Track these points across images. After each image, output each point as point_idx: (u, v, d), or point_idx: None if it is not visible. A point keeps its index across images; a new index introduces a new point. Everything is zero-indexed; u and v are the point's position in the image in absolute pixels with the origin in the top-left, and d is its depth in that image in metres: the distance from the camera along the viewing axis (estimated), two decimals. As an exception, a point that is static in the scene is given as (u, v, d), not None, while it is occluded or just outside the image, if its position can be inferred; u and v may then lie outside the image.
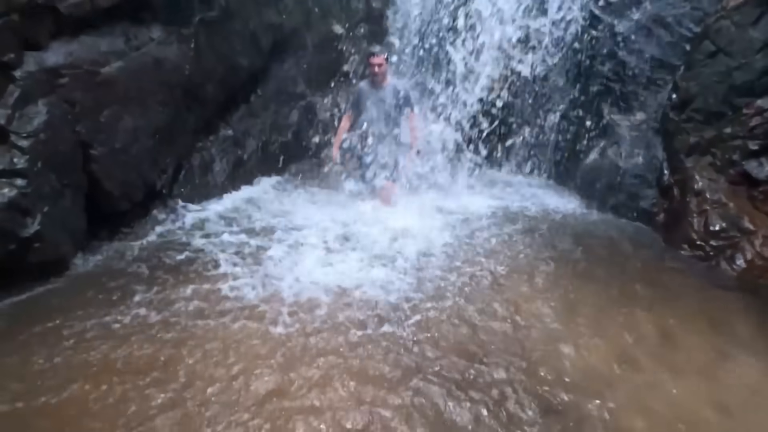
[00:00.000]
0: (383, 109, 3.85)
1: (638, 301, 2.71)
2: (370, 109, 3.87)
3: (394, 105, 3.84)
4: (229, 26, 3.92)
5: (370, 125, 3.90)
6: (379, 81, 3.83)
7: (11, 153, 2.45)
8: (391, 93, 3.84)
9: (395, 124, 3.93)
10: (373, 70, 3.82)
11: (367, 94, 3.89)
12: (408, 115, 3.90)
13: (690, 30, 3.75)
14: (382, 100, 3.84)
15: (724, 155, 3.30)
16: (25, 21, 2.42)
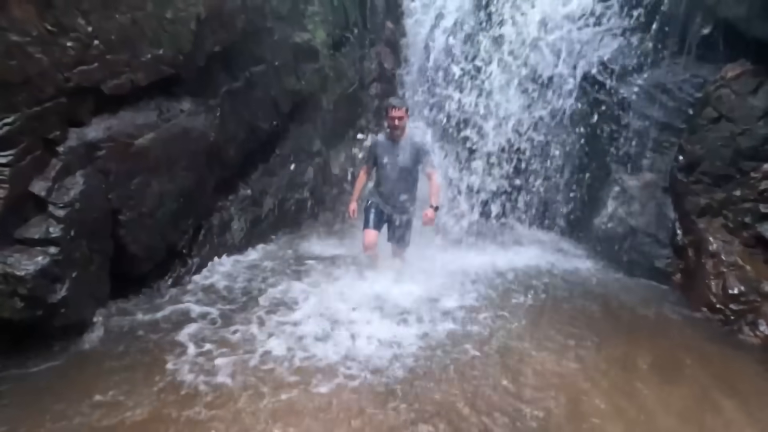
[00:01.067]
0: (400, 165, 3.60)
1: (664, 372, 2.66)
2: (386, 164, 3.64)
3: (412, 161, 3.59)
4: (251, 94, 4.18)
5: (386, 182, 3.68)
6: (398, 135, 3.57)
7: (47, 222, 2.58)
8: (409, 148, 3.58)
9: (412, 181, 3.71)
10: (392, 123, 3.53)
11: (384, 148, 3.65)
12: (426, 171, 3.63)
13: (691, 96, 3.92)
14: (400, 155, 3.59)
15: (736, 218, 3.34)
16: (71, 101, 2.63)
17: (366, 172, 3.88)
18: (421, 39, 7.33)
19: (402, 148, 3.59)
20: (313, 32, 4.91)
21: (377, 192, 3.75)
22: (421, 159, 3.59)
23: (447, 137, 5.65)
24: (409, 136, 3.63)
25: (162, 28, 3.05)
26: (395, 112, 3.50)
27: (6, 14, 2.22)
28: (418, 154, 3.58)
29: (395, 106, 3.53)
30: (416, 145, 3.60)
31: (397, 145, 3.60)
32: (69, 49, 2.53)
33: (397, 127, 3.53)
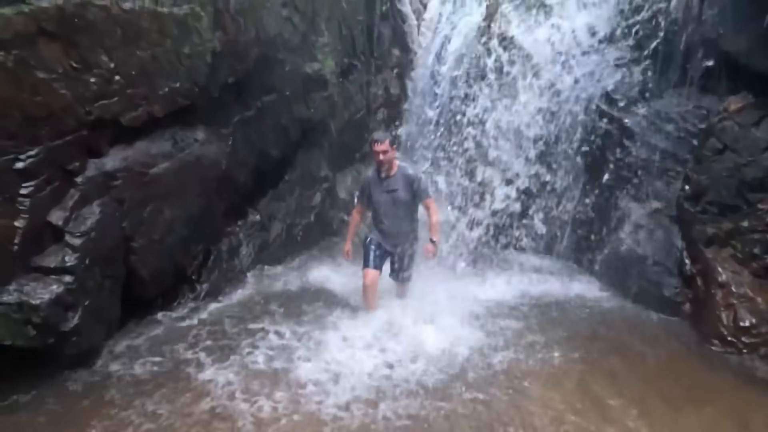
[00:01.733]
0: (395, 200, 3.41)
1: (674, 402, 2.63)
2: (381, 201, 3.44)
3: (407, 194, 3.40)
4: (262, 122, 4.29)
5: (384, 218, 3.47)
6: (386, 170, 3.38)
7: (64, 251, 2.63)
8: (401, 182, 3.39)
9: (410, 213, 3.50)
10: (377, 159, 3.31)
11: (376, 185, 3.45)
12: (423, 200, 3.47)
13: (695, 126, 3.97)
14: (392, 191, 3.41)
15: (745, 248, 3.34)
16: (91, 134, 2.72)
17: (359, 212, 3.71)
18: (427, 65, 7.52)
19: (394, 182, 3.41)
20: (323, 62, 5.05)
21: (377, 229, 3.57)
22: (416, 189, 3.40)
23: (451, 164, 5.74)
24: (399, 169, 3.43)
25: (179, 62, 3.16)
26: (378, 146, 3.29)
27: (34, 53, 2.33)
28: (412, 185, 3.40)
29: (377, 140, 3.32)
30: (409, 177, 3.40)
31: (389, 180, 3.41)
32: (92, 84, 2.64)
33: (383, 162, 3.33)
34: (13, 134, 2.33)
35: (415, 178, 3.42)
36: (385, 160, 3.32)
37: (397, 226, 3.48)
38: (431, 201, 3.48)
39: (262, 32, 3.90)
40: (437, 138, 6.64)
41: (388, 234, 3.50)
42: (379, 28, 6.72)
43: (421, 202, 3.48)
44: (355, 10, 5.80)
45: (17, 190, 2.43)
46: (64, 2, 2.41)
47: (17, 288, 2.46)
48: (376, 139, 3.37)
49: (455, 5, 8.23)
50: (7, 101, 2.26)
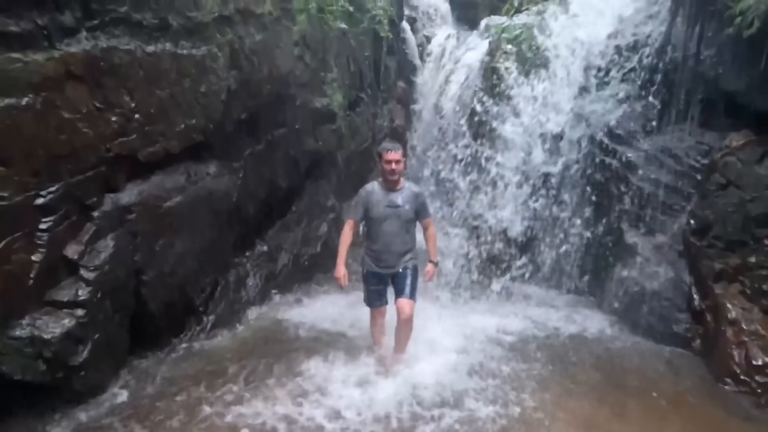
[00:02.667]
0: (397, 217, 3.14)
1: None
2: (383, 217, 3.14)
3: (413, 211, 3.18)
4: (273, 155, 4.39)
5: (382, 237, 3.17)
6: (395, 182, 3.13)
7: (77, 285, 2.66)
8: (407, 198, 3.16)
9: (412, 233, 3.30)
10: (389, 168, 3.06)
11: (379, 199, 3.15)
12: (424, 220, 3.30)
13: (698, 161, 4.03)
14: (398, 206, 3.13)
15: (754, 284, 3.33)
16: (110, 170, 2.80)
17: (352, 228, 3.30)
18: (431, 97, 7.72)
19: (400, 196, 3.14)
20: (332, 96, 5.21)
21: (371, 253, 3.25)
22: (420, 208, 3.23)
23: (453, 194, 5.81)
24: (407, 184, 3.25)
25: (196, 101, 3.28)
26: (390, 155, 3.05)
27: (62, 94, 2.43)
28: (417, 203, 3.20)
29: (389, 149, 3.10)
30: (415, 194, 3.22)
31: (395, 193, 3.14)
32: (113, 123, 2.74)
33: (395, 172, 3.07)
34: (37, 171, 2.40)
35: (421, 196, 3.30)
36: (398, 170, 3.10)
37: (396, 245, 3.20)
38: (431, 221, 3.38)
39: (274, 70, 4.05)
40: (440, 167, 6.74)
41: (386, 256, 3.20)
42: (385, 62, 6.95)
43: (422, 221, 3.31)
44: (362, 47, 6.02)
45: (36, 225, 2.48)
46: (92, 47, 2.53)
47: (30, 322, 2.48)
48: (388, 147, 3.14)
49: (458, 41, 8.53)
50: (33, 140, 2.34)
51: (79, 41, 2.49)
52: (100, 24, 2.59)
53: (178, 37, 3.09)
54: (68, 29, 2.43)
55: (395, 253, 3.22)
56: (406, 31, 7.89)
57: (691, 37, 4.01)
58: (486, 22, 7.82)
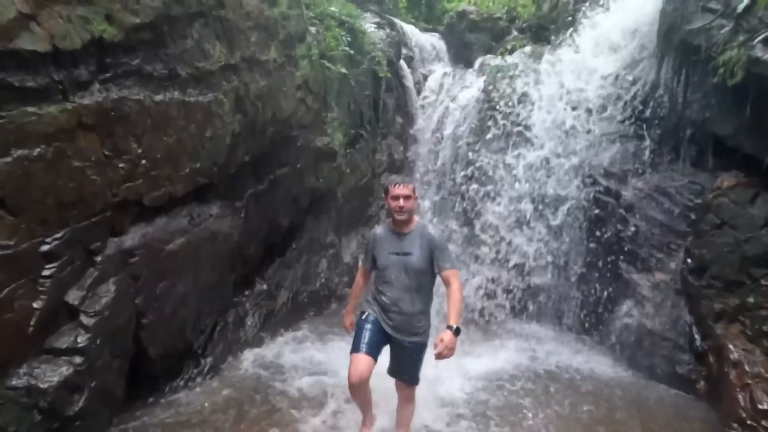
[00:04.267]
0: (408, 265, 2.65)
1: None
2: (389, 265, 2.69)
3: (424, 259, 2.64)
4: (274, 194, 4.45)
5: (389, 289, 2.70)
6: (403, 223, 2.66)
7: (77, 331, 2.64)
8: (419, 243, 2.64)
9: (425, 287, 2.73)
10: (396, 205, 2.61)
11: (387, 244, 2.71)
12: (443, 271, 2.63)
13: (691, 201, 4.11)
14: (405, 253, 2.65)
15: (754, 325, 3.34)
16: (115, 214, 2.83)
17: (364, 276, 2.98)
18: (429, 133, 7.91)
19: (410, 241, 2.66)
20: (332, 135, 5.34)
21: (376, 302, 2.79)
22: (436, 255, 2.64)
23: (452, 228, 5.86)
24: (419, 226, 2.71)
25: (201, 145, 3.36)
26: (398, 190, 2.61)
27: (73, 144, 2.50)
28: (432, 249, 2.64)
29: (398, 183, 2.67)
30: (429, 238, 2.64)
31: (404, 237, 2.67)
32: (120, 169, 2.79)
33: (403, 210, 2.61)
34: (45, 219, 2.43)
35: (437, 240, 2.67)
36: (406, 208, 2.61)
37: (404, 303, 2.68)
38: (455, 273, 2.64)
39: (278, 113, 4.17)
40: (438, 202, 6.83)
41: (391, 310, 2.71)
42: (383, 100, 7.16)
43: (440, 273, 2.65)
44: (362, 87, 6.22)
45: (40, 272, 2.48)
46: (104, 99, 2.62)
47: (27, 371, 2.44)
48: (395, 181, 2.72)
49: (454, 78, 8.83)
50: (43, 189, 2.39)
51: (92, 93, 2.58)
52: (112, 76, 2.70)
53: (186, 85, 3.20)
54: (82, 83, 2.52)
55: (402, 314, 2.69)
56: (403, 69, 8.18)
57: (678, 83, 4.18)
58: (481, 61, 8.14)
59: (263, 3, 3.93)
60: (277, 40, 4.11)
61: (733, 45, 3.34)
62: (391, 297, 2.73)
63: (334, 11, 5.78)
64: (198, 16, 3.23)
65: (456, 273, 2.67)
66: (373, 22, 7.79)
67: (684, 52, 4.02)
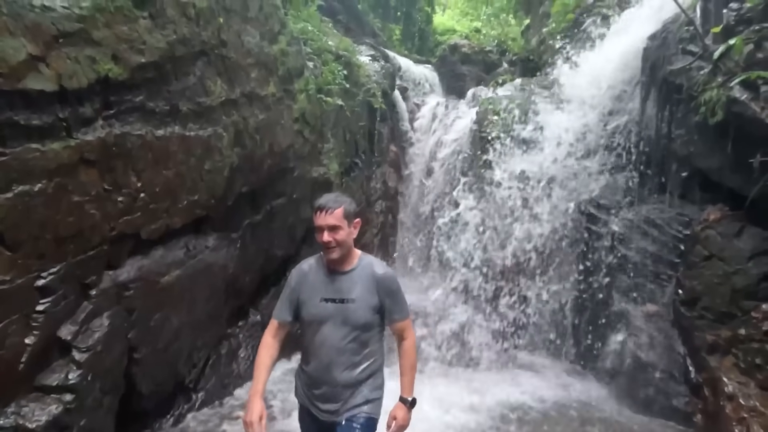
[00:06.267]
0: (343, 320, 1.93)
1: None
2: (318, 319, 1.95)
3: (369, 309, 1.94)
4: (270, 225, 4.47)
5: (318, 353, 1.96)
6: (335, 262, 1.94)
7: (68, 368, 2.59)
8: (363, 286, 1.94)
9: (369, 347, 1.99)
10: (320, 237, 1.91)
11: (316, 286, 1.98)
12: (394, 324, 2.01)
13: (680, 232, 4.21)
14: (342, 300, 1.93)
15: (747, 357, 3.36)
16: (112, 248, 2.83)
17: (276, 333, 2.04)
18: (422, 161, 8.07)
19: (350, 283, 1.95)
20: (328, 166, 5.42)
21: (303, 375, 2.05)
22: (387, 302, 1.97)
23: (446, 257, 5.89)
24: (363, 263, 1.99)
25: (200, 178, 3.41)
26: (322, 218, 1.89)
27: (74, 179, 2.53)
28: (381, 294, 1.96)
29: (323, 207, 1.89)
30: (376, 278, 1.96)
31: (341, 278, 1.96)
32: (119, 203, 2.81)
33: (331, 247, 1.89)
34: (43, 254, 2.43)
35: (388, 281, 1.97)
36: (335, 243, 1.89)
37: (340, 370, 1.94)
38: (408, 325, 2.04)
39: (276, 145, 4.25)
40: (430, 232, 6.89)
41: (321, 383, 1.97)
42: (378, 129, 7.33)
43: (391, 324, 2.02)
44: (358, 118, 6.37)
45: (33, 307, 2.46)
46: (106, 134, 2.67)
47: (16, 410, 2.38)
48: (321, 205, 1.90)
49: (447, 108, 9.07)
50: (42, 224, 2.39)
51: (95, 129, 2.63)
52: (116, 113, 2.76)
53: (187, 120, 3.27)
54: (86, 119, 2.57)
55: (338, 383, 1.95)
56: (398, 100, 8.42)
57: (662, 119, 4.35)
58: (473, 91, 8.41)
59: (263, 41, 4.07)
60: (276, 75, 4.24)
61: (712, 85, 3.51)
62: (320, 363, 1.95)
63: (331, 45, 5.98)
64: (201, 55, 3.33)
65: (410, 324, 2.06)
66: (368, 54, 8.06)
67: (667, 90, 4.21)
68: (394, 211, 8.11)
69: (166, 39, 3.00)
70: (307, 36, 5.46)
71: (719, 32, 3.55)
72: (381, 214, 7.60)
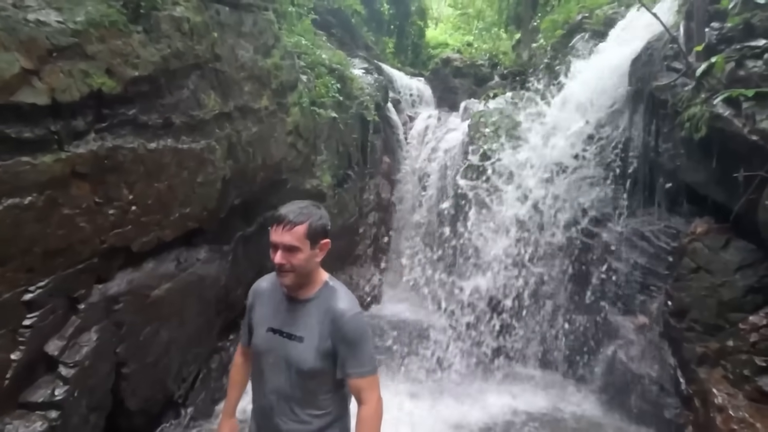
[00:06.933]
0: (290, 357, 1.62)
1: None
2: (262, 349, 1.68)
3: (316, 357, 1.61)
4: (263, 237, 4.46)
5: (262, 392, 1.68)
6: (290, 288, 1.66)
7: (54, 383, 2.55)
8: (318, 318, 1.62)
9: (320, 395, 1.65)
10: (272, 257, 1.62)
11: (266, 309, 1.73)
12: (349, 378, 1.62)
13: (668, 244, 4.27)
14: (294, 333, 1.63)
15: (735, 369, 3.40)
16: (101, 261, 2.81)
17: (245, 357, 1.87)
18: (415, 172, 8.13)
19: (305, 315, 1.64)
20: (321, 178, 5.44)
21: (253, 411, 1.77)
22: (341, 350, 1.60)
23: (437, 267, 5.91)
24: (323, 295, 1.66)
25: (192, 191, 3.40)
26: (277, 234, 1.61)
27: (65, 192, 2.51)
28: (334, 339, 1.60)
29: (282, 220, 1.61)
30: (333, 314, 1.61)
31: (297, 307, 1.66)
32: (110, 216, 2.80)
33: (284, 270, 1.60)
34: (31, 268, 2.40)
35: (347, 321, 1.59)
36: (293, 266, 1.59)
37: (284, 422, 1.63)
38: (371, 384, 1.61)
39: (268, 158, 4.26)
40: (422, 241, 6.93)
41: (262, 426, 1.70)
42: (371, 141, 7.39)
43: (348, 379, 1.61)
44: (351, 130, 6.42)
45: (20, 322, 2.42)
46: (99, 147, 2.67)
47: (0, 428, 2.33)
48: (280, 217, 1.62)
49: (440, 120, 9.18)
50: (32, 238, 2.37)
51: (87, 142, 2.63)
52: (108, 126, 2.76)
53: (180, 133, 3.27)
54: (79, 132, 2.57)
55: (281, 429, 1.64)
56: (391, 112, 8.50)
57: (649, 133, 4.44)
58: (465, 104, 8.52)
59: (257, 55, 4.11)
60: (270, 89, 4.27)
61: (696, 102, 3.60)
62: (262, 407, 1.67)
63: (325, 59, 6.05)
64: (195, 69, 3.36)
65: (372, 384, 1.59)
66: (362, 67, 8.15)
67: (653, 105, 4.31)
68: (388, 223, 8.14)
69: (160, 53, 3.02)
70: (300, 50, 5.52)
71: (702, 50, 3.65)
72: (374, 225, 7.62)
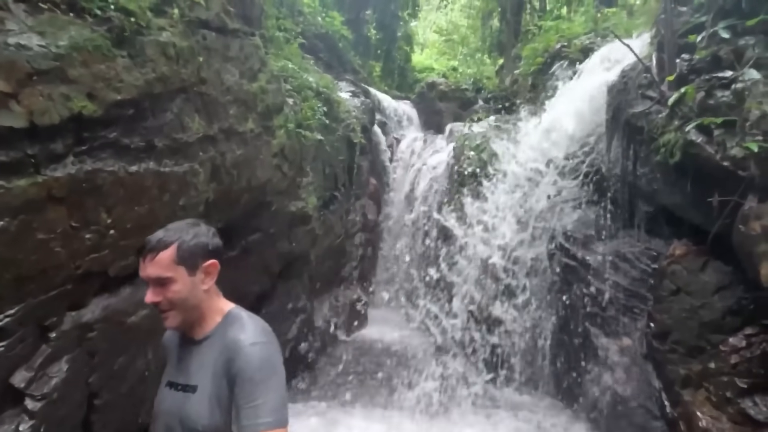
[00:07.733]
0: (183, 414, 1.35)
1: None
2: (156, 404, 1.48)
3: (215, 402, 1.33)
4: (245, 260, 4.40)
5: None
6: (178, 328, 1.44)
7: (20, 418, 2.42)
8: (211, 357, 1.39)
9: None
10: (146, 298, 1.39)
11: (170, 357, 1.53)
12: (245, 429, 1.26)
13: (649, 266, 4.34)
14: (188, 382, 1.40)
15: (718, 391, 3.41)
16: (76, 287, 2.72)
17: None
18: (401, 194, 8.19)
19: (200, 359, 1.41)
20: (307, 200, 5.43)
21: None
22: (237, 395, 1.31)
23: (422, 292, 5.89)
24: (220, 329, 1.45)
25: (174, 214, 3.34)
26: (143, 268, 1.41)
27: (40, 216, 2.45)
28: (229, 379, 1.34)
29: (143, 251, 1.41)
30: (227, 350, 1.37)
31: (189, 350, 1.45)
32: (86, 240, 2.73)
33: (162, 310, 1.39)
34: (1, 295, 2.31)
35: (246, 356, 1.34)
36: (170, 302, 1.38)
37: None
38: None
39: (253, 180, 4.24)
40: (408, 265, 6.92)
41: None
42: (358, 163, 7.44)
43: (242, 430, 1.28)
44: (337, 152, 6.46)
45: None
46: (77, 171, 2.62)
47: (-43, 468, 2.19)
48: (143, 245, 1.41)
49: (425, 143, 9.32)
50: (3, 263, 2.29)
51: (65, 166, 2.58)
52: (88, 149, 2.72)
53: (162, 156, 3.24)
54: (57, 155, 2.53)
55: None
56: (377, 134, 8.61)
57: (627, 158, 4.57)
58: (450, 127, 8.70)
59: (243, 79, 4.14)
60: (255, 112, 4.29)
61: (670, 128, 3.73)
62: None
63: (312, 82, 6.12)
64: (179, 92, 3.36)
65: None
66: (349, 90, 8.28)
67: (630, 131, 4.45)
68: (374, 244, 8.13)
69: (145, 77, 3.02)
70: (287, 73, 5.59)
71: (673, 80, 3.81)
72: (360, 246, 7.59)
